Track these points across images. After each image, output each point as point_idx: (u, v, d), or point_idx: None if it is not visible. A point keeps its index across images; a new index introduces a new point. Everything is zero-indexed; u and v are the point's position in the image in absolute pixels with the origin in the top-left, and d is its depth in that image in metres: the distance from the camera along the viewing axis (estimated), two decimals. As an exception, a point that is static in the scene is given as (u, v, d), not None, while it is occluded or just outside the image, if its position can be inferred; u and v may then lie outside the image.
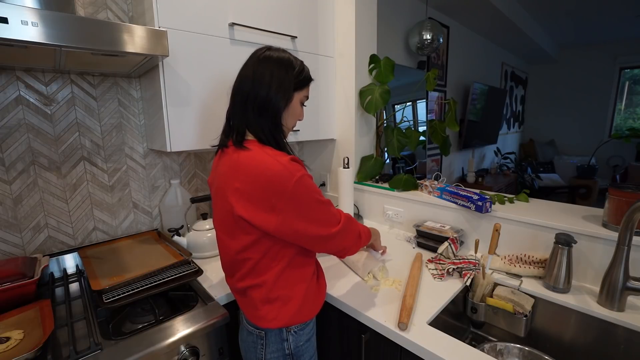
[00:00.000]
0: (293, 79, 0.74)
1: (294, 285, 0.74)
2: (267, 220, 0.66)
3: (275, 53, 0.75)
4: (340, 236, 0.74)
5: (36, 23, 0.66)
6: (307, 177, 0.68)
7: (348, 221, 0.76)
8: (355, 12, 1.42)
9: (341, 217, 0.75)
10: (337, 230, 0.72)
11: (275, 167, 0.64)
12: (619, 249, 0.81)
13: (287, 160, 0.67)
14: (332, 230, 0.72)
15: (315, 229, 0.69)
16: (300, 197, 0.66)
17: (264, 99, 0.71)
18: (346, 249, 0.78)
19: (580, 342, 0.86)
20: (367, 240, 0.86)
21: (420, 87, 2.33)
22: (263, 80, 0.71)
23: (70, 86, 1.08)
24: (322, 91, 1.49)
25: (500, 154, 4.56)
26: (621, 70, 4.79)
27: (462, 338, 0.97)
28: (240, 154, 0.69)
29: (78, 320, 0.84)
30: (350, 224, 0.78)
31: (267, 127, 0.72)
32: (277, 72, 0.72)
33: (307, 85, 0.79)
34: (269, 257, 0.71)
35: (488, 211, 1.11)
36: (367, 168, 1.54)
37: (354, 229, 0.79)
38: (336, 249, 0.77)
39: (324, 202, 0.71)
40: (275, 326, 0.74)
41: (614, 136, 4.40)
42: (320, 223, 0.70)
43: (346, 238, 0.76)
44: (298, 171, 0.66)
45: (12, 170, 1.00)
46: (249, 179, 0.65)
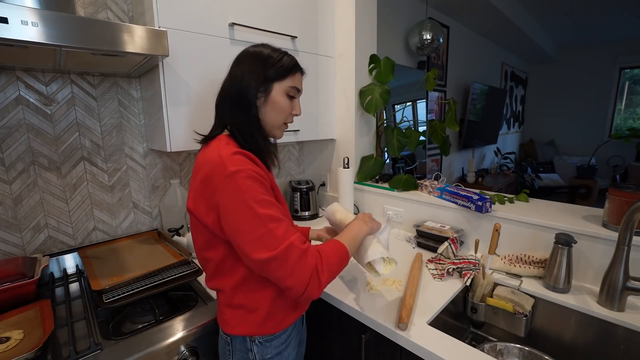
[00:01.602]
0: (268, 69, 0.70)
1: (258, 294, 0.68)
2: (207, 216, 0.63)
3: (253, 49, 0.73)
4: (272, 267, 0.58)
5: (36, 23, 0.66)
6: (243, 176, 0.59)
7: (293, 253, 0.58)
8: (355, 12, 1.42)
9: (283, 243, 0.57)
10: (267, 258, 0.56)
11: (214, 159, 0.61)
12: (619, 249, 0.81)
13: (228, 153, 0.61)
14: (260, 255, 0.57)
15: (241, 242, 0.59)
16: (229, 195, 0.58)
17: (236, 94, 0.70)
18: (287, 287, 0.59)
19: (580, 342, 0.86)
20: (338, 269, 0.65)
21: (420, 87, 2.33)
22: (237, 76, 0.71)
23: (70, 86, 1.08)
24: (322, 91, 1.49)
25: (500, 154, 4.56)
26: (621, 70, 4.79)
27: (462, 338, 0.97)
28: (201, 150, 0.70)
29: (78, 320, 0.84)
30: (298, 258, 0.58)
31: (242, 122, 0.70)
32: (250, 66, 0.70)
33: (291, 75, 0.72)
34: (230, 260, 0.67)
35: (488, 211, 1.11)
36: (367, 168, 1.54)
37: (306, 266, 0.58)
38: (272, 279, 0.60)
39: (261, 215, 0.57)
40: (238, 333, 0.71)
41: (614, 136, 4.40)
42: (246, 238, 0.58)
43: (283, 272, 0.57)
44: (234, 166, 0.59)
45: (12, 170, 1.00)
46: (195, 172, 0.66)
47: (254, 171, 0.61)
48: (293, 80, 0.73)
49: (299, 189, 1.58)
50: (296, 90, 0.75)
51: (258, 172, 0.62)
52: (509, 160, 4.58)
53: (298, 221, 1.56)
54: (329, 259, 0.63)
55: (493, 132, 4.22)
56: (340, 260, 0.66)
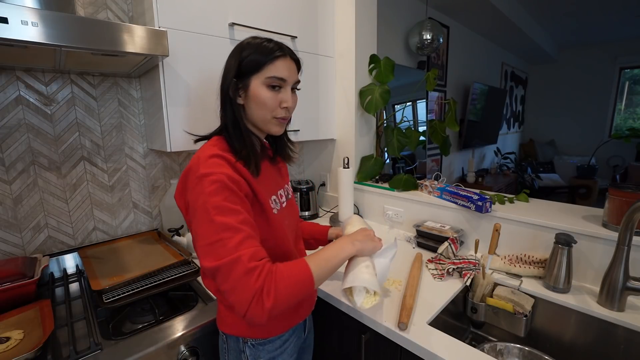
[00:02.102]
0: (242, 62, 0.66)
1: None
2: (186, 215, 0.64)
3: (240, 43, 0.70)
4: (218, 278, 0.55)
5: (36, 23, 0.66)
6: (211, 180, 0.57)
7: (237, 268, 0.52)
8: (355, 12, 1.42)
9: (231, 255, 0.53)
10: (212, 267, 0.54)
11: (194, 159, 0.63)
12: (619, 249, 0.81)
13: (207, 155, 0.61)
14: (207, 263, 0.55)
15: (196, 246, 0.58)
16: (194, 197, 0.58)
17: (221, 92, 0.70)
18: (230, 304, 0.54)
19: (580, 342, 0.86)
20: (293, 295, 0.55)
21: (420, 87, 2.33)
22: (222, 74, 0.70)
23: (70, 86, 1.08)
24: (322, 91, 1.49)
25: (500, 154, 4.56)
26: (621, 70, 4.79)
27: (462, 338, 0.97)
28: None
29: (78, 320, 0.84)
30: (241, 275, 0.52)
31: (229, 122, 0.69)
32: (229, 62, 0.69)
33: (268, 64, 0.66)
34: None
35: (488, 211, 1.11)
36: (367, 168, 1.54)
37: (248, 286, 0.52)
38: (220, 291, 0.60)
39: (216, 222, 0.55)
40: (231, 333, 0.71)
41: (614, 136, 4.40)
42: (200, 242, 0.56)
43: (226, 286, 0.53)
44: (206, 168, 0.58)
45: (12, 170, 1.00)
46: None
47: (226, 175, 0.58)
48: (273, 69, 0.66)
49: (299, 189, 1.58)
50: (279, 79, 0.67)
51: (231, 177, 0.59)
52: (509, 160, 4.58)
53: (298, 221, 1.56)
54: (281, 283, 0.54)
55: (493, 132, 4.22)
56: (298, 285, 0.56)
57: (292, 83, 0.71)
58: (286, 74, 0.68)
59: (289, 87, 0.70)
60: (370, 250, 0.69)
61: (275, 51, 0.67)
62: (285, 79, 0.68)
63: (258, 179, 0.68)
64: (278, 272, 0.55)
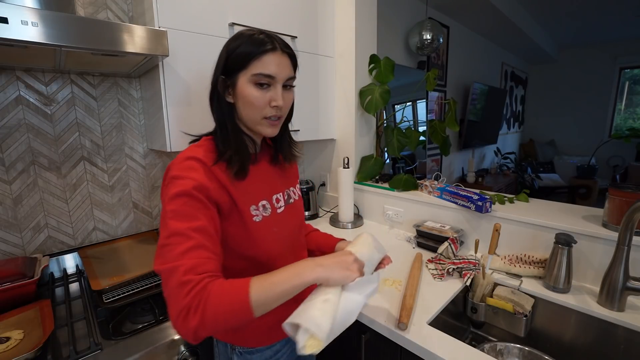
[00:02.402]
0: (228, 59, 0.63)
1: None
2: None
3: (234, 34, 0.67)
4: (162, 283, 0.53)
5: (36, 23, 0.66)
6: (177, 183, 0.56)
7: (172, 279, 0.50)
8: (355, 12, 1.42)
9: (172, 263, 0.50)
10: (157, 271, 0.52)
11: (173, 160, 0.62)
12: (619, 249, 0.81)
13: (184, 156, 0.60)
14: (155, 265, 0.53)
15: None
16: (162, 197, 0.58)
17: (211, 88, 0.68)
18: (167, 305, 0.51)
19: (580, 342, 0.86)
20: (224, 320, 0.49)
21: (420, 87, 2.33)
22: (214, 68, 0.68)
23: (70, 86, 1.08)
24: (322, 91, 1.49)
25: (500, 154, 4.56)
26: (621, 70, 4.79)
27: (462, 338, 0.97)
28: None
29: (78, 320, 0.84)
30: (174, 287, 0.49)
31: (216, 119, 0.68)
32: (218, 60, 0.66)
33: (254, 60, 0.61)
34: None
35: (488, 211, 1.11)
36: (367, 168, 1.54)
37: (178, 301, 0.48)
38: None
39: (168, 226, 0.53)
40: (220, 338, 0.71)
41: (614, 136, 4.40)
42: (158, 243, 0.55)
43: (165, 293, 0.51)
44: (177, 171, 0.58)
45: (12, 170, 1.00)
46: None
47: (193, 181, 0.56)
48: (259, 65, 0.61)
49: (299, 189, 1.58)
50: (267, 77, 0.62)
51: (198, 183, 0.56)
52: (509, 160, 4.58)
53: (298, 221, 1.56)
54: (211, 304, 0.48)
55: (493, 132, 4.22)
56: (229, 310, 0.48)
57: (284, 80, 0.65)
58: (275, 70, 0.63)
59: (279, 84, 0.64)
60: (338, 281, 0.56)
61: (263, 45, 0.61)
62: (273, 75, 0.63)
63: (242, 183, 0.64)
64: (212, 291, 0.49)
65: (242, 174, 0.65)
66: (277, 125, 0.68)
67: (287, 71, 0.65)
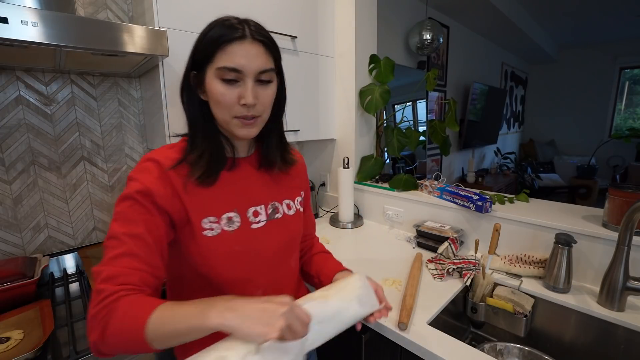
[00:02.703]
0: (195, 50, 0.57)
1: None
2: None
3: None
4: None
5: (36, 23, 0.66)
6: (129, 185, 0.54)
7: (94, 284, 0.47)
8: (355, 12, 1.42)
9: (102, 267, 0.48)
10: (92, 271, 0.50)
11: None
12: (619, 249, 0.81)
13: (146, 157, 0.57)
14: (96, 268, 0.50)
15: None
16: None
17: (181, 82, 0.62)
18: None
19: (580, 342, 0.86)
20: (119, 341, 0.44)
21: (420, 87, 2.33)
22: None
23: (70, 86, 1.08)
24: (322, 91, 1.49)
25: (500, 154, 4.56)
26: (621, 70, 4.79)
27: (462, 338, 0.97)
28: None
29: (78, 320, 0.84)
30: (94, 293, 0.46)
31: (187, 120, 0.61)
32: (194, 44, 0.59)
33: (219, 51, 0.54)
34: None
35: (488, 211, 1.11)
36: (367, 168, 1.54)
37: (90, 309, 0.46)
38: None
39: (110, 227, 0.52)
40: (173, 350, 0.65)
41: (614, 136, 4.40)
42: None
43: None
44: (134, 173, 0.55)
45: (12, 170, 1.00)
46: None
47: (142, 185, 0.52)
48: (224, 57, 0.54)
49: (299, 189, 1.58)
50: (232, 71, 0.54)
51: (145, 188, 0.52)
52: (509, 160, 4.58)
53: (298, 221, 1.56)
54: (112, 322, 0.44)
55: (493, 132, 4.22)
56: (125, 333, 0.44)
57: (255, 73, 0.56)
58: (242, 62, 0.54)
59: (250, 78, 0.55)
60: (248, 336, 0.42)
61: (230, 32, 0.54)
62: (239, 69, 0.54)
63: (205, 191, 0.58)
64: (120, 308, 0.44)
65: (207, 180, 0.58)
66: (252, 126, 0.59)
67: (260, 62, 0.55)
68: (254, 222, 0.63)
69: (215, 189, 0.59)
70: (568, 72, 5.24)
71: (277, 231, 0.66)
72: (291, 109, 1.33)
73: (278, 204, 0.68)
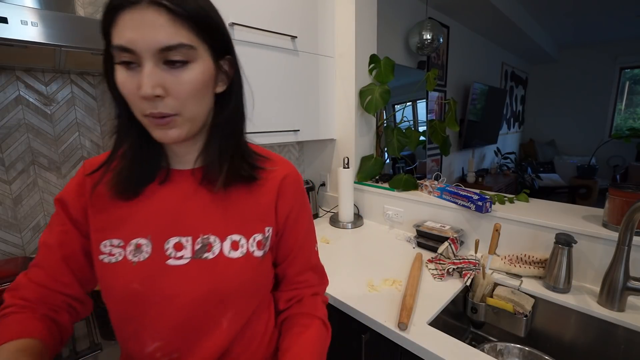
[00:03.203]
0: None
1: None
2: None
3: None
4: None
5: (36, 23, 0.66)
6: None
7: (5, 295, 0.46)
8: (355, 12, 1.42)
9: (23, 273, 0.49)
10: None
11: None
12: (619, 249, 0.81)
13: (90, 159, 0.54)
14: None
15: None
16: None
17: None
18: None
19: (581, 342, 0.86)
20: None
21: (420, 87, 2.33)
22: None
23: (70, 86, 1.08)
24: (322, 91, 1.49)
25: (500, 154, 4.56)
26: (621, 70, 4.79)
27: (462, 338, 0.97)
28: None
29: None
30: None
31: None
32: None
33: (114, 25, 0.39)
34: None
35: (488, 211, 1.11)
36: (367, 168, 1.54)
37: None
38: None
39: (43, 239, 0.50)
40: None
41: (614, 136, 4.40)
42: None
43: None
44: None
45: (12, 170, 1.00)
46: None
47: (62, 192, 0.50)
48: (115, 32, 0.39)
49: (299, 189, 1.58)
50: (124, 50, 0.39)
51: (61, 195, 0.50)
52: (509, 160, 4.58)
53: (298, 221, 1.55)
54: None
55: (493, 132, 4.22)
56: None
57: (154, 51, 0.39)
58: (131, 37, 0.38)
59: (148, 60, 0.39)
60: None
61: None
62: (129, 47, 0.38)
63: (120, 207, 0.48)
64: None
65: (124, 193, 0.48)
66: (168, 126, 0.43)
67: (160, 35, 0.38)
68: (172, 256, 0.47)
69: (134, 205, 0.48)
70: (568, 72, 5.24)
71: (202, 277, 0.47)
72: (291, 109, 1.34)
73: (215, 238, 0.49)
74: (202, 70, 0.43)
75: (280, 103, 1.29)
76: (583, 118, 5.18)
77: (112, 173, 0.48)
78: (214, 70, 0.46)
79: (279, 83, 1.28)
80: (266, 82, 1.23)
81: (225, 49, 0.47)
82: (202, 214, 0.50)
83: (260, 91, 1.22)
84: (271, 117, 1.27)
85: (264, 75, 1.22)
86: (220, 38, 0.46)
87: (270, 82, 1.25)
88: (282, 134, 1.32)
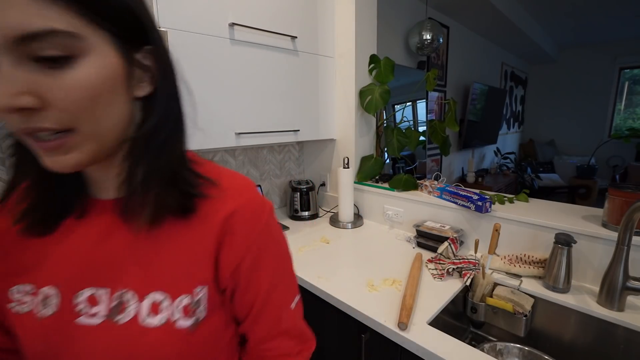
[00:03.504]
0: None
1: None
2: None
3: None
4: None
5: (36, 23, 0.66)
6: None
7: None
8: (355, 12, 1.42)
9: None
10: None
11: None
12: (619, 249, 0.81)
13: None
14: None
15: None
16: None
17: None
18: None
19: (580, 342, 0.86)
20: None
21: (420, 87, 2.33)
22: None
23: None
24: (322, 91, 1.49)
25: (500, 154, 4.56)
26: (621, 70, 4.79)
27: (462, 338, 0.97)
28: None
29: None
30: None
31: None
32: None
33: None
34: None
35: (488, 211, 1.11)
36: (367, 168, 1.54)
37: None
38: None
39: None
40: None
41: (614, 136, 4.40)
42: None
43: None
44: None
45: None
46: None
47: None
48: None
49: (299, 189, 1.58)
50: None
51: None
52: (509, 160, 4.58)
53: (298, 221, 1.56)
54: None
55: (493, 132, 4.22)
56: None
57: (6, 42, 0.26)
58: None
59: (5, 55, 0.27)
60: None
61: None
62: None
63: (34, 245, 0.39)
64: None
65: (33, 228, 0.38)
66: (61, 151, 0.32)
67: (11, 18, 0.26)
68: (84, 313, 0.37)
69: (49, 243, 0.38)
70: (568, 72, 5.24)
71: (112, 348, 0.36)
72: (291, 109, 1.34)
73: (133, 295, 0.37)
74: (98, 67, 0.31)
75: (280, 103, 1.29)
76: (582, 118, 5.18)
77: (17, 204, 0.37)
78: (123, 66, 0.33)
79: (279, 83, 1.28)
80: (266, 82, 1.23)
81: (143, 37, 0.35)
82: (121, 261, 0.38)
83: (260, 91, 1.22)
84: (271, 117, 1.27)
85: (264, 75, 1.22)
86: (130, 20, 0.33)
87: (270, 82, 1.25)
88: (282, 134, 1.32)
